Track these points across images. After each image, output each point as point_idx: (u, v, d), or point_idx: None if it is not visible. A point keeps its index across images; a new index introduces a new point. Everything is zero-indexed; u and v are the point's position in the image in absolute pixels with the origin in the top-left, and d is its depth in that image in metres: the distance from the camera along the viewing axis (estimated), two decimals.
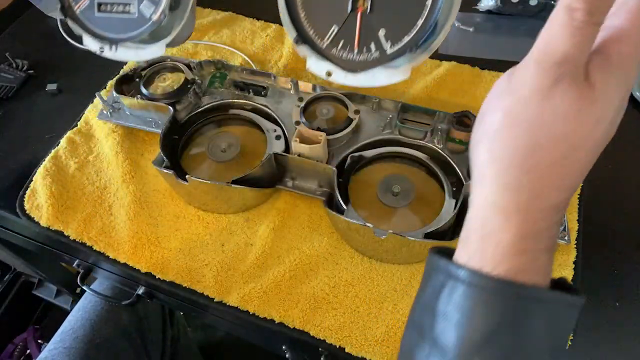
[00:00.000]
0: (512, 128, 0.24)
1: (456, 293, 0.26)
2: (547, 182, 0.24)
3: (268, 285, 0.53)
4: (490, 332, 0.24)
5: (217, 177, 0.55)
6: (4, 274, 1.26)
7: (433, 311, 0.27)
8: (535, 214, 0.24)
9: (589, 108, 0.23)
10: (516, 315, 0.24)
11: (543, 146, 0.23)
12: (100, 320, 0.79)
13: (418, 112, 0.59)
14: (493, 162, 0.25)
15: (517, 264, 0.24)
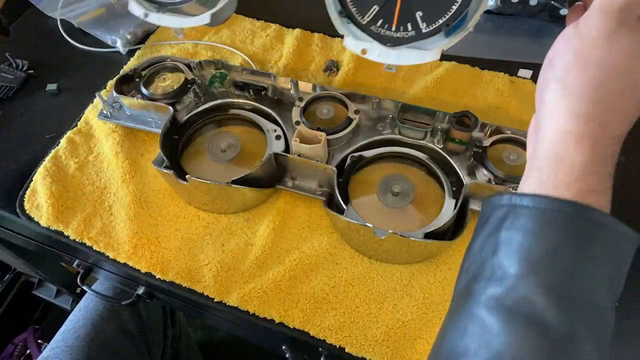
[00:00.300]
0: (583, 65, 0.27)
1: (520, 219, 0.28)
2: (614, 112, 0.27)
3: (268, 285, 0.53)
4: (550, 250, 0.26)
5: (217, 177, 0.55)
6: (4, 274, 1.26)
7: (493, 244, 0.28)
8: (604, 140, 0.27)
9: None
10: (579, 235, 0.26)
11: (611, 79, 0.27)
12: (102, 319, 0.79)
13: (418, 112, 0.59)
14: (566, 96, 0.28)
15: (589, 183, 0.27)
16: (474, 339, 0.27)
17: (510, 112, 0.65)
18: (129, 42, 0.76)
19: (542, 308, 0.25)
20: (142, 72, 0.65)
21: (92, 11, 0.79)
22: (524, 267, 0.26)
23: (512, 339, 0.25)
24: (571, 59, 0.28)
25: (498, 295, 0.27)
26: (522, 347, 0.25)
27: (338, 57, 0.73)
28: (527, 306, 0.26)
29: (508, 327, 0.26)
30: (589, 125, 0.27)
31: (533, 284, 0.26)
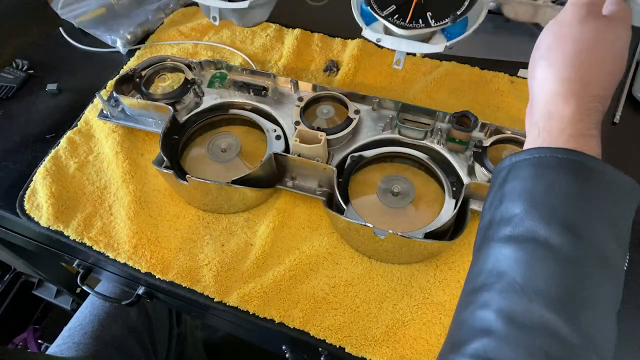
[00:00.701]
0: (562, 42, 0.35)
1: (521, 170, 0.32)
2: (591, 76, 0.33)
3: (268, 285, 0.53)
4: (548, 187, 0.30)
5: (217, 177, 0.55)
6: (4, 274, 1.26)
7: (499, 197, 0.33)
8: (586, 97, 0.33)
9: (608, 29, 0.35)
10: (571, 173, 0.30)
11: (585, 52, 0.34)
12: (108, 317, 0.79)
13: (418, 112, 0.59)
14: (551, 67, 0.35)
15: (578, 128, 0.32)
16: (491, 272, 0.30)
17: (510, 112, 0.65)
18: (129, 42, 0.76)
19: (546, 236, 0.29)
20: (142, 72, 0.65)
21: (92, 11, 0.79)
22: (527, 205, 0.30)
23: (523, 264, 0.29)
24: (552, 39, 0.36)
25: (508, 233, 0.30)
26: (533, 269, 0.28)
27: (338, 57, 0.73)
28: (533, 235, 0.29)
29: (519, 254, 0.29)
30: (572, 86, 0.33)
31: (536, 217, 0.30)
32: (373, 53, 0.73)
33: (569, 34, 0.35)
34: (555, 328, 0.27)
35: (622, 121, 0.64)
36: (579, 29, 0.34)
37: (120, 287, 0.84)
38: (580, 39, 0.34)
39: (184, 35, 0.78)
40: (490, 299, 0.29)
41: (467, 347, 0.28)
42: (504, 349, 0.27)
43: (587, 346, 0.27)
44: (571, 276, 0.28)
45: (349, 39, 0.75)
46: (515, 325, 0.28)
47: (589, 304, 0.28)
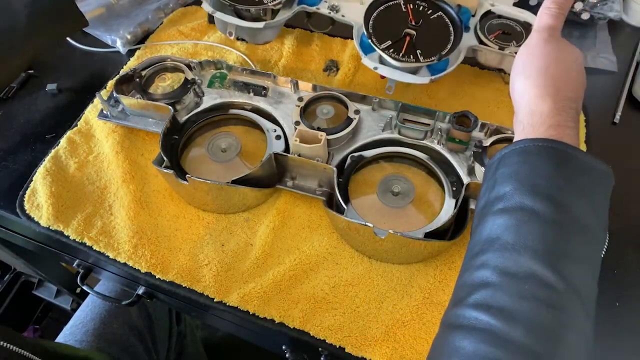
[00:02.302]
0: (533, 59, 0.42)
1: (509, 159, 0.38)
2: (561, 83, 0.40)
3: (268, 285, 0.53)
4: (532, 169, 0.36)
5: (217, 177, 0.55)
6: (4, 274, 1.26)
7: (492, 183, 0.38)
8: (560, 98, 0.39)
9: (567, 47, 0.42)
10: (551, 158, 0.35)
11: (552, 66, 0.41)
12: (109, 315, 0.79)
13: (418, 112, 0.59)
14: (529, 78, 0.41)
15: (557, 120, 0.38)
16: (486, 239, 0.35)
17: (510, 112, 0.64)
18: (129, 42, 0.76)
19: (532, 205, 0.34)
20: (142, 72, 0.65)
21: (92, 11, 0.79)
22: (515, 184, 0.36)
23: (513, 228, 0.34)
24: (525, 58, 0.43)
25: (501, 207, 0.36)
26: (521, 230, 0.34)
27: (338, 57, 0.73)
28: (521, 206, 0.34)
29: (510, 221, 0.34)
30: (547, 90, 0.40)
31: (523, 192, 0.35)
32: None
33: (537, 52, 0.42)
34: (541, 275, 0.32)
35: (622, 121, 0.65)
36: (545, 47, 0.42)
37: (120, 287, 0.84)
38: (547, 55, 0.41)
39: (184, 35, 0.78)
40: (486, 260, 0.34)
41: (468, 299, 0.33)
42: (499, 295, 0.32)
43: (570, 292, 0.31)
44: (555, 235, 0.33)
45: (349, 38, 0.75)
46: (507, 276, 0.32)
47: (571, 258, 0.33)
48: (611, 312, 0.50)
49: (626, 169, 0.60)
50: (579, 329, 0.31)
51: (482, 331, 0.31)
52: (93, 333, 0.76)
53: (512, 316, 0.31)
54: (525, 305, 0.31)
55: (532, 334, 0.30)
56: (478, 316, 0.32)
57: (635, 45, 0.73)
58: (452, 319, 0.34)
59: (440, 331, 0.35)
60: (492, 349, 0.30)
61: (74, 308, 1.25)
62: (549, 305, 0.31)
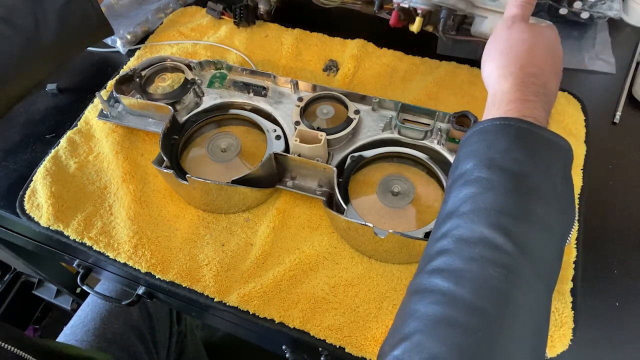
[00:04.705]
0: (496, 43, 0.45)
1: (470, 139, 0.40)
2: (524, 61, 0.42)
3: (268, 285, 0.53)
4: (489, 145, 0.38)
5: (217, 177, 0.55)
6: (4, 274, 1.26)
7: (456, 162, 0.40)
8: (520, 75, 0.41)
9: (533, 29, 0.44)
10: (507, 135, 0.37)
11: (514, 47, 0.43)
12: (110, 315, 0.80)
13: (418, 112, 0.59)
14: (493, 61, 0.44)
15: (516, 97, 0.40)
16: (448, 212, 0.37)
17: None
18: (129, 42, 0.76)
19: (488, 177, 0.36)
20: (142, 72, 0.65)
21: None
22: (475, 161, 0.38)
23: (470, 197, 0.36)
24: (491, 44, 0.46)
25: (462, 182, 0.38)
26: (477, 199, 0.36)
27: (338, 57, 0.73)
28: (478, 178, 0.37)
29: (467, 192, 0.37)
30: (509, 69, 0.42)
31: (481, 167, 0.37)
32: (373, 53, 0.73)
33: (500, 38, 0.45)
34: (491, 239, 0.33)
35: (622, 121, 0.65)
36: (507, 32, 0.45)
37: (120, 287, 0.84)
38: (509, 38, 0.44)
39: (184, 35, 0.78)
40: (446, 230, 0.36)
41: (427, 267, 0.35)
42: (452, 260, 0.34)
43: (519, 253, 0.33)
44: (508, 201, 0.35)
45: (349, 38, 0.75)
46: (461, 241, 0.34)
47: (523, 221, 0.34)
48: (611, 312, 0.50)
49: (626, 169, 0.60)
50: (529, 288, 0.32)
51: (435, 292, 0.33)
52: (93, 333, 0.76)
53: (461, 276, 0.33)
54: (474, 266, 0.33)
55: (479, 291, 0.32)
56: (432, 280, 0.34)
57: (635, 45, 0.73)
58: (412, 286, 0.36)
59: (404, 299, 0.37)
60: (443, 309, 0.32)
61: (74, 308, 1.25)
62: (497, 265, 0.32)
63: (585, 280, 0.51)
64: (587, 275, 0.52)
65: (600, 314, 0.50)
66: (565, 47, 0.72)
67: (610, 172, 0.60)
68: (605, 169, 0.60)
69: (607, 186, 0.59)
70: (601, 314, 0.50)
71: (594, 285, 0.51)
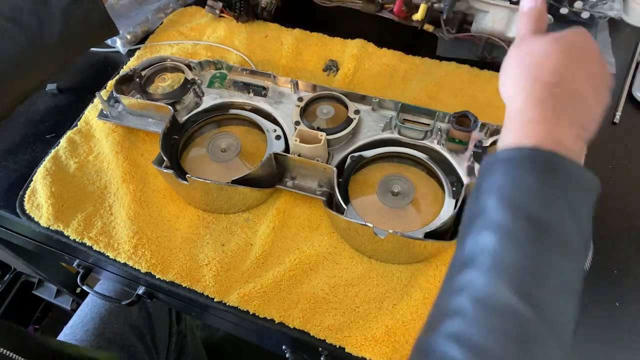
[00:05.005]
0: (509, 58, 0.42)
1: (493, 168, 0.35)
2: (537, 72, 0.37)
3: (268, 285, 0.53)
4: (516, 181, 0.33)
5: (217, 177, 0.55)
6: (4, 274, 1.26)
7: (477, 191, 0.36)
8: (536, 88, 0.37)
9: (546, 37, 0.39)
10: (546, 171, 0.33)
11: (526, 57, 0.39)
12: (109, 314, 0.80)
13: (418, 112, 0.59)
14: (506, 76, 0.41)
15: (531, 118, 0.35)
16: (466, 260, 0.34)
17: None
18: (129, 42, 0.76)
19: (511, 225, 0.33)
20: (142, 72, 0.65)
21: None
22: (497, 199, 0.34)
23: (491, 250, 0.33)
24: (504, 61, 0.42)
25: (482, 224, 0.34)
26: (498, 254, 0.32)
27: (338, 57, 0.73)
28: (501, 225, 0.33)
29: (488, 241, 0.33)
30: (521, 82, 0.38)
31: (504, 210, 0.33)
32: (373, 53, 0.73)
33: (512, 53, 0.42)
34: (513, 306, 0.31)
35: (622, 121, 0.64)
36: (519, 46, 0.41)
37: (120, 287, 0.84)
38: (520, 52, 0.41)
39: (184, 35, 0.78)
40: (464, 284, 0.33)
41: (442, 328, 0.32)
42: (471, 328, 0.31)
43: (543, 324, 0.30)
44: (533, 259, 0.32)
45: (349, 38, 0.75)
46: (480, 305, 0.31)
47: (549, 285, 0.31)
48: (611, 312, 0.50)
49: (626, 169, 0.60)
50: (548, 355, 0.31)
51: None
52: (93, 332, 0.76)
53: (481, 351, 0.30)
54: (494, 340, 0.30)
55: None
56: (448, 349, 0.31)
57: (635, 45, 0.73)
58: (425, 346, 0.33)
59: (413, 355, 0.35)
60: None
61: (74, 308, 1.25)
62: (520, 340, 0.30)
63: (585, 281, 0.51)
64: (587, 276, 0.52)
65: (600, 314, 0.50)
66: None
67: (610, 172, 0.60)
68: (605, 169, 0.60)
69: (607, 186, 0.59)
70: (601, 314, 0.50)
71: (594, 286, 0.51)
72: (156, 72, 0.66)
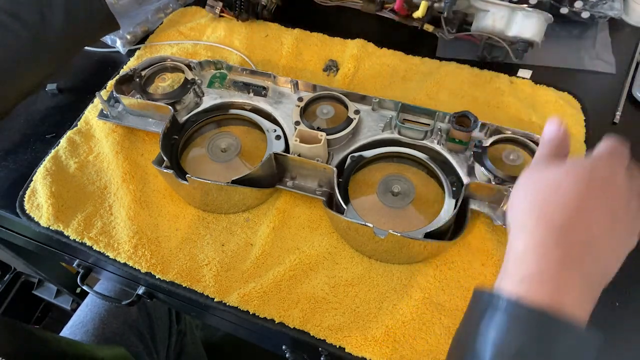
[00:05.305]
0: (518, 185, 0.38)
1: (495, 318, 0.31)
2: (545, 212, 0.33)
3: (268, 285, 0.53)
4: (520, 348, 0.30)
5: (217, 177, 0.55)
6: (4, 274, 1.26)
7: (475, 332, 0.32)
8: (542, 232, 0.32)
9: (561, 166, 0.35)
10: (543, 340, 0.29)
11: (535, 190, 0.35)
12: (109, 315, 0.80)
13: (418, 112, 0.59)
14: (512, 205, 0.37)
15: (533, 271, 0.31)
16: None
17: (510, 112, 0.65)
18: (129, 42, 0.76)
19: None
20: (142, 72, 0.65)
21: None
22: (491, 354, 0.30)
23: None
24: (515, 186, 0.38)
25: None
26: None
27: (338, 57, 0.73)
28: None
29: None
30: (525, 220, 0.33)
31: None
32: (373, 53, 0.73)
33: (522, 180, 0.37)
34: None
35: (622, 121, 0.65)
36: (530, 173, 0.37)
37: (120, 287, 0.84)
38: (529, 181, 0.37)
39: (184, 35, 0.78)
40: None
41: None
42: None
43: None
44: None
45: (349, 38, 0.75)
46: None
47: None
48: (611, 312, 0.50)
49: None
50: None
51: None
52: (93, 333, 0.76)
53: None
54: None
55: None
56: None
57: (635, 45, 0.73)
58: None
59: None
60: None
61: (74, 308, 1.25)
62: None
63: None
64: None
65: (600, 314, 0.50)
66: (565, 46, 0.73)
67: None
68: None
69: None
70: (601, 314, 0.50)
71: None
72: (156, 72, 0.66)
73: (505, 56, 0.68)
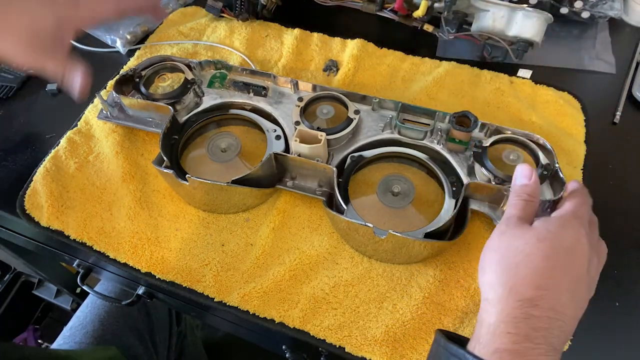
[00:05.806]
0: (487, 249, 0.40)
1: None
2: (517, 278, 0.35)
3: (268, 285, 0.53)
4: None
5: (217, 177, 0.55)
6: (4, 274, 1.26)
7: None
8: (512, 304, 0.34)
9: (527, 233, 0.37)
10: None
11: (506, 257, 0.37)
12: (109, 316, 0.79)
13: (418, 112, 0.59)
14: (483, 271, 0.38)
15: (504, 342, 0.33)
16: None
17: (510, 112, 0.65)
18: (129, 42, 0.76)
19: None
20: (142, 72, 0.65)
21: None
22: None
23: None
24: (484, 248, 0.40)
25: None
26: None
27: (337, 56, 0.73)
28: None
29: None
30: (497, 290, 0.35)
31: None
32: (373, 53, 0.73)
33: (492, 245, 0.39)
34: None
35: (622, 121, 0.65)
36: (499, 239, 0.39)
37: (120, 287, 0.84)
38: (499, 247, 0.38)
39: (184, 35, 0.78)
40: None
41: None
42: None
43: None
44: None
45: (349, 38, 0.75)
46: None
47: None
48: (611, 311, 0.50)
49: (626, 169, 0.60)
50: None
51: None
52: (92, 334, 0.76)
53: None
54: None
55: None
56: None
57: (635, 45, 0.73)
58: None
59: None
60: None
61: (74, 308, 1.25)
62: None
63: None
64: None
65: (600, 314, 0.50)
66: (565, 46, 0.73)
67: (610, 172, 0.60)
68: (606, 169, 0.60)
69: (607, 186, 0.59)
70: (601, 314, 0.50)
71: None
72: (156, 72, 0.66)
73: (505, 56, 0.68)
